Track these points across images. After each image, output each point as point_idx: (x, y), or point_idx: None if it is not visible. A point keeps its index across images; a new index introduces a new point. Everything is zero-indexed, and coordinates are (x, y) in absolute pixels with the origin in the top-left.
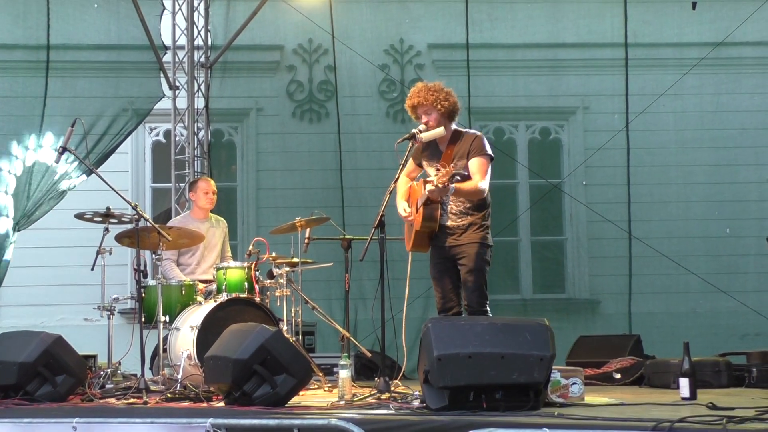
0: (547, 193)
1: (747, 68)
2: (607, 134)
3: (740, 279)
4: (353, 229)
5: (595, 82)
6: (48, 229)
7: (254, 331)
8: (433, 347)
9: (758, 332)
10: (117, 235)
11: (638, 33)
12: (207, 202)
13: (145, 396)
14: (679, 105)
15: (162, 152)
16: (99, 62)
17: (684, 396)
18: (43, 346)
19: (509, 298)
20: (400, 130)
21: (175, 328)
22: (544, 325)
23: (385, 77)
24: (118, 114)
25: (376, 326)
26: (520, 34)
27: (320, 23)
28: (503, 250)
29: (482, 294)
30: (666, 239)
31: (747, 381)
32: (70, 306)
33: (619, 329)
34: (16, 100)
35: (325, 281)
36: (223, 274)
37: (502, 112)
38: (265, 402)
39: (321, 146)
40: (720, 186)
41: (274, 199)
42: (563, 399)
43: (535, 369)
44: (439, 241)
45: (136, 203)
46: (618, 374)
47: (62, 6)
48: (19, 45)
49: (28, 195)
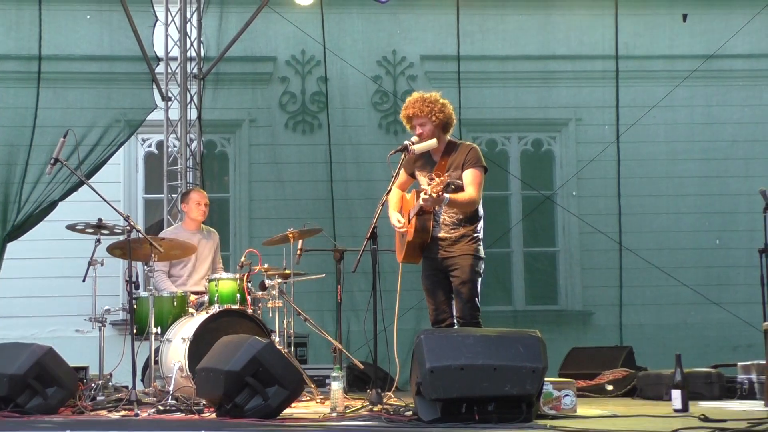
0: (540, 204)
1: (737, 80)
2: (599, 146)
3: (731, 290)
4: (344, 240)
5: (586, 93)
6: (39, 240)
7: (246, 342)
8: (425, 359)
9: (749, 343)
10: (109, 247)
11: (629, 45)
12: (199, 213)
13: (136, 408)
14: (670, 117)
15: (154, 163)
16: (91, 73)
17: (676, 408)
18: (34, 357)
19: (501, 309)
20: (392, 141)
21: (167, 340)
22: (537, 337)
23: (378, 89)
24: (110, 125)
25: (369, 338)
26: (511, 45)
27: (313, 35)
28: (495, 262)
29: (474, 305)
30: (656, 251)
31: (739, 393)
32: (62, 317)
33: (611, 341)
34: (7, 110)
35: (317, 293)
36: (215, 285)
37: (494, 123)
38: (257, 414)
39: (313, 157)
40: (710, 197)
41: (267, 211)
42: (556, 411)
43: (528, 381)
44: (431, 253)
45: (128, 214)
46: (610, 386)
47: (55, 17)
48: (11, 56)
49: (19, 206)
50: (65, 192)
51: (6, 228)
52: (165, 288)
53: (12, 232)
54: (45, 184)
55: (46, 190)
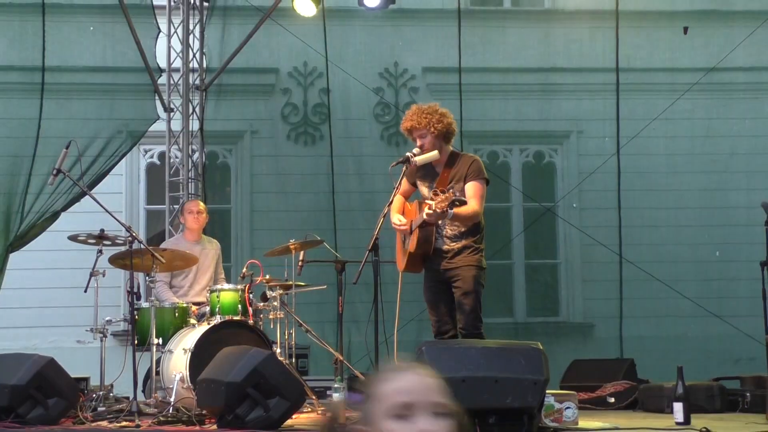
0: (541, 216)
1: (738, 93)
2: (600, 158)
3: (731, 303)
4: (345, 251)
5: (587, 106)
6: (41, 251)
7: (247, 353)
8: None
9: (751, 356)
10: (111, 257)
11: (630, 57)
12: (193, 221)
13: (137, 419)
14: (671, 129)
15: (156, 174)
16: (94, 84)
17: (678, 421)
18: (35, 368)
19: (502, 321)
20: (394, 153)
21: (168, 351)
22: (538, 349)
23: (380, 100)
24: (112, 136)
25: (370, 349)
26: (512, 58)
27: (315, 46)
28: (496, 274)
29: (477, 317)
30: (657, 263)
31: (741, 406)
32: (63, 328)
33: (612, 353)
34: (11, 121)
35: (318, 304)
36: (217, 296)
37: (495, 135)
38: (258, 425)
39: (315, 169)
40: (710, 210)
41: (268, 222)
42: (557, 423)
43: (529, 393)
44: (434, 264)
45: (130, 225)
46: (612, 398)
47: (58, 28)
48: (14, 67)
49: (21, 216)
50: (67, 203)
51: (8, 238)
52: (167, 299)
53: (14, 243)
54: (47, 194)
55: (48, 200)
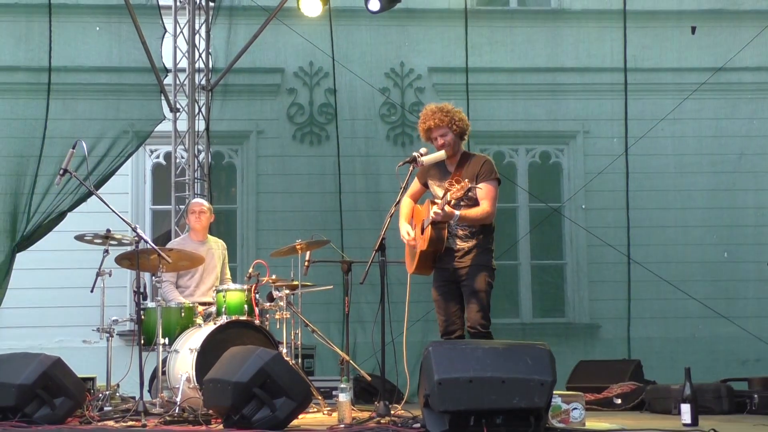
0: (548, 217)
1: (746, 93)
2: (607, 158)
3: (739, 304)
4: (351, 252)
5: (595, 106)
6: (48, 251)
7: (254, 353)
8: (433, 371)
9: (759, 358)
10: (117, 257)
11: (638, 58)
12: (195, 221)
13: (143, 419)
14: (678, 130)
15: (162, 174)
16: (100, 84)
17: (685, 422)
18: (42, 368)
19: (509, 322)
20: (400, 153)
21: (175, 351)
22: (546, 350)
23: (386, 100)
24: (118, 136)
25: (376, 349)
26: (519, 58)
27: (321, 46)
28: (503, 274)
29: (486, 316)
30: (664, 264)
31: (748, 407)
32: (69, 328)
33: (618, 354)
34: (17, 121)
35: (324, 304)
36: (223, 296)
37: (502, 135)
38: (264, 425)
39: (321, 169)
40: (718, 211)
41: (274, 222)
42: (564, 424)
43: (536, 394)
44: (443, 263)
45: (136, 225)
46: (619, 399)
47: (64, 28)
48: (21, 67)
49: (28, 216)
50: (74, 203)
51: (15, 238)
52: (173, 299)
53: (21, 243)
54: (54, 194)
55: (55, 200)
